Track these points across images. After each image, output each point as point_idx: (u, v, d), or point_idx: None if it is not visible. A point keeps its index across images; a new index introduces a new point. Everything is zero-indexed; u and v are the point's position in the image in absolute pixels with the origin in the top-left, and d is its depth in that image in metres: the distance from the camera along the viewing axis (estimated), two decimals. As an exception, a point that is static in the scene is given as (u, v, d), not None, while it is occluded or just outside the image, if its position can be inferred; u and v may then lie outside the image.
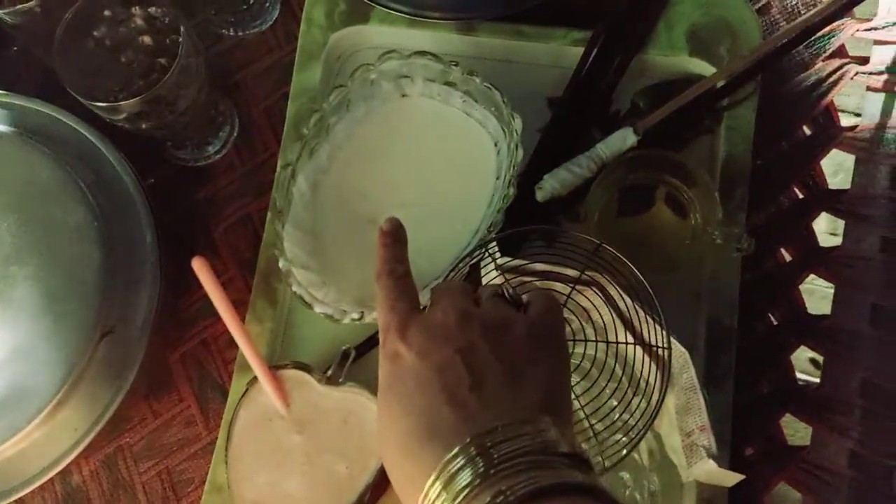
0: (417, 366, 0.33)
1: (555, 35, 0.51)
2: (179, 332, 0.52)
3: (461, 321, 0.34)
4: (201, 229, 0.53)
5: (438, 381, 0.32)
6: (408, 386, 0.33)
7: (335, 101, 0.48)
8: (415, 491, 0.30)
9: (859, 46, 0.53)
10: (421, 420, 0.32)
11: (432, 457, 0.30)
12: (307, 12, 0.53)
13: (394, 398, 0.33)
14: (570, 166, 0.48)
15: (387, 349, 0.34)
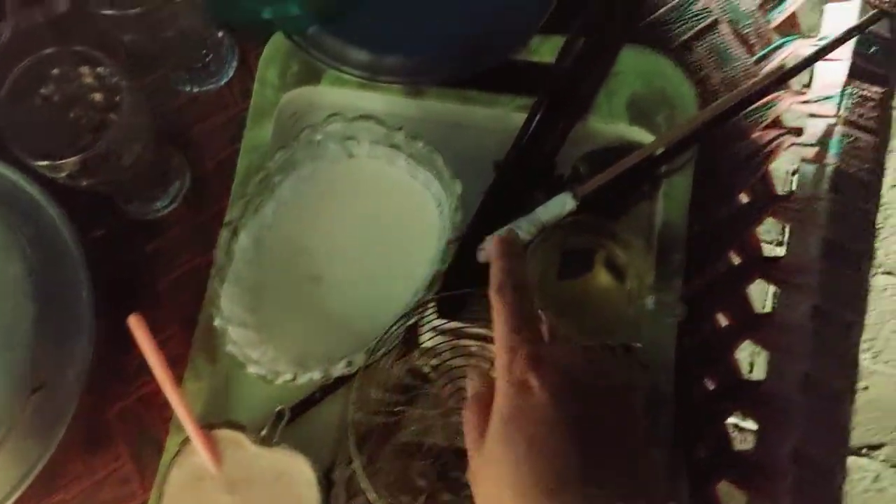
0: (551, 409, 0.30)
1: (500, 101, 0.53)
2: (119, 388, 0.52)
3: (604, 382, 0.32)
4: (147, 283, 0.54)
5: (573, 434, 0.30)
6: (536, 425, 0.30)
7: (280, 161, 0.49)
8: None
9: (796, 118, 0.56)
10: (549, 467, 0.30)
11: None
12: (261, 72, 0.55)
13: (517, 433, 0.31)
14: (510, 229, 0.50)
15: (513, 376, 0.32)
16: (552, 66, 0.54)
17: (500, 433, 0.31)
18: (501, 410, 0.32)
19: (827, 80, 0.54)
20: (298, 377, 0.45)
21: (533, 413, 0.31)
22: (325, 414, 0.49)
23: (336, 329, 0.49)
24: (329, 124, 0.49)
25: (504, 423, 0.31)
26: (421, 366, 0.46)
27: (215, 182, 0.55)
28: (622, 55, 0.53)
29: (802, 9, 0.57)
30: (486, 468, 0.32)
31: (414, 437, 0.46)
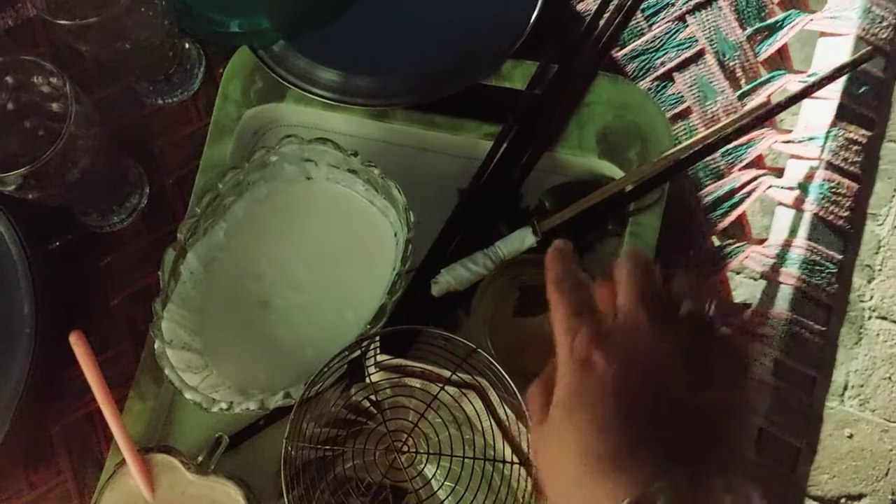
0: (618, 382, 0.32)
1: (466, 127, 0.53)
2: (64, 403, 0.52)
3: (671, 353, 0.32)
4: (99, 298, 0.54)
5: (641, 407, 0.31)
6: (601, 398, 0.32)
7: (231, 183, 0.49)
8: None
9: (777, 158, 0.54)
10: (616, 441, 0.31)
11: (622, 486, 0.30)
12: (223, 87, 0.55)
13: (581, 407, 0.32)
14: (468, 263, 0.49)
15: (576, 354, 0.33)
16: (523, 92, 0.53)
17: (565, 407, 0.33)
18: (566, 387, 0.33)
19: (812, 119, 0.53)
20: (234, 407, 0.44)
21: (597, 387, 0.32)
22: (268, 442, 0.49)
23: (281, 357, 0.49)
24: (284, 145, 0.49)
25: (569, 398, 0.33)
26: (360, 401, 0.46)
27: (174, 198, 0.55)
28: (596, 84, 0.52)
29: (794, 42, 0.55)
30: (550, 442, 0.33)
31: (353, 472, 0.46)
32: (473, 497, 0.43)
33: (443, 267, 0.50)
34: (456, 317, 0.51)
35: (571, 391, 0.33)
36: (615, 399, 0.32)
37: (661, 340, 0.33)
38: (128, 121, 0.57)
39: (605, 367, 0.32)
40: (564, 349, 0.34)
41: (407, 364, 0.46)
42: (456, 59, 0.53)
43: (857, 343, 1.00)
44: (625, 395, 0.32)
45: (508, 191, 0.52)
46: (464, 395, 0.45)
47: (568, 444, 0.32)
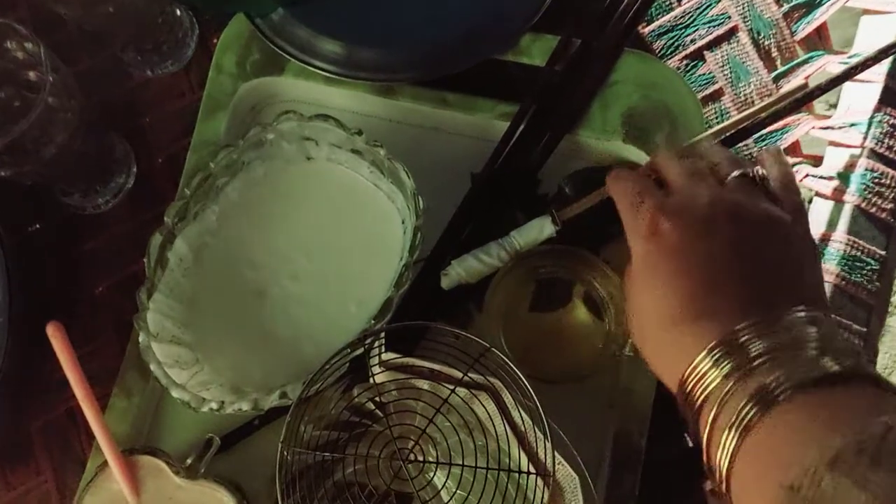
0: (685, 247, 0.34)
1: (481, 106, 0.48)
2: (44, 399, 0.49)
3: (728, 215, 0.34)
4: (82, 286, 0.50)
5: (708, 268, 0.33)
6: (672, 265, 0.34)
7: (224, 161, 0.45)
8: (675, 367, 0.33)
9: (815, 145, 0.50)
10: (688, 302, 0.33)
11: (704, 333, 0.32)
12: (217, 59, 0.50)
13: (655, 276, 0.35)
14: (480, 254, 0.45)
15: (642, 225, 0.36)
16: (542, 69, 0.48)
17: (639, 279, 0.35)
18: (639, 259, 0.36)
19: (854, 104, 0.49)
20: (226, 407, 0.41)
21: (668, 253, 0.34)
22: (263, 443, 0.46)
23: (278, 353, 0.45)
24: (282, 122, 0.45)
25: (640, 270, 0.36)
26: (364, 403, 0.42)
27: (163, 178, 0.51)
28: (622, 62, 0.48)
29: (834, 20, 0.51)
30: (636, 311, 0.36)
31: (354, 478, 0.42)
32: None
33: (453, 258, 0.46)
34: (467, 312, 0.47)
35: (644, 262, 0.35)
36: (686, 259, 0.34)
37: (718, 199, 0.35)
38: (114, 93, 0.53)
39: (671, 232, 0.35)
40: (631, 226, 0.37)
41: (414, 363, 0.42)
42: (470, 32, 0.49)
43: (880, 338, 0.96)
44: (694, 255, 0.34)
45: (525, 176, 0.48)
46: (475, 397, 0.42)
47: (648, 307, 0.35)
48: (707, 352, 0.31)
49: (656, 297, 0.34)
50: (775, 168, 0.38)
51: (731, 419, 0.29)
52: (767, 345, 0.30)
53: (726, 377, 0.30)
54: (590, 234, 0.47)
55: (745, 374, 0.30)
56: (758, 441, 0.29)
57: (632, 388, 0.44)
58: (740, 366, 0.30)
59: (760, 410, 0.29)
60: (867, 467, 0.24)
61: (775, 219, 0.35)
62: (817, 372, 0.29)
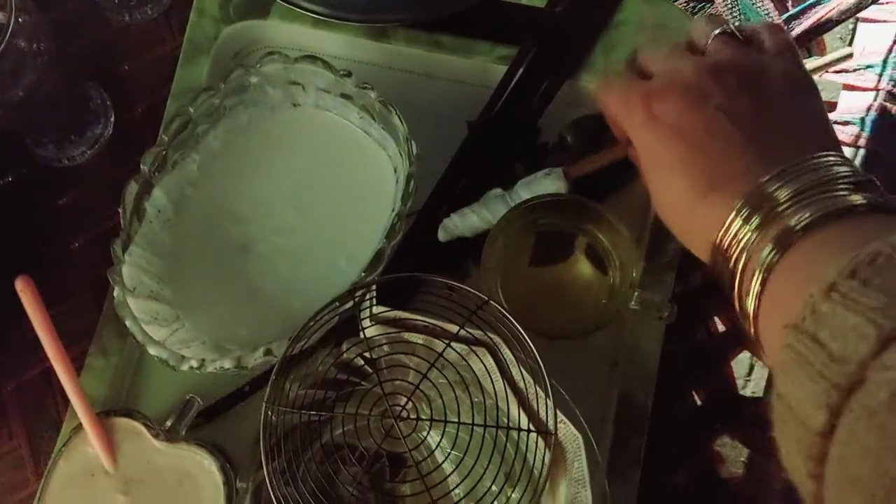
0: (683, 122, 0.32)
1: (477, 49, 0.44)
2: (19, 359, 0.44)
3: (714, 75, 0.32)
4: (57, 241, 0.45)
5: (713, 134, 0.31)
6: (676, 145, 0.32)
7: (204, 106, 0.40)
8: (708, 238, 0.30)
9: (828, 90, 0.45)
10: (705, 175, 0.31)
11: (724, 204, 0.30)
12: (199, 0, 0.45)
13: (663, 161, 0.33)
14: (482, 210, 0.40)
15: (638, 118, 0.33)
16: (542, 10, 0.44)
17: (651, 173, 0.33)
18: (644, 155, 0.33)
19: (869, 44, 0.44)
20: (206, 365, 0.36)
21: (669, 138, 0.32)
22: (255, 410, 0.41)
23: (264, 310, 0.41)
24: (266, 65, 0.40)
25: (650, 164, 0.33)
26: (353, 359, 0.38)
27: (143, 128, 0.46)
28: (626, 2, 0.43)
29: (847, -40, 0.46)
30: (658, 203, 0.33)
31: (344, 439, 0.38)
32: (484, 469, 0.35)
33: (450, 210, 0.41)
34: (465, 268, 0.43)
35: (649, 152, 0.33)
36: (687, 134, 0.32)
37: (700, 64, 0.33)
38: (90, 40, 0.47)
39: (664, 113, 0.32)
40: (627, 124, 0.34)
41: (407, 317, 0.37)
42: (466, -30, 0.44)
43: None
44: (694, 127, 0.32)
45: (524, 124, 0.43)
46: (473, 352, 0.37)
47: (666, 197, 0.33)
48: (735, 212, 0.29)
49: (672, 182, 0.32)
50: (766, 34, 0.34)
51: (756, 264, 0.28)
52: (794, 188, 0.28)
53: (756, 228, 0.29)
54: (593, 182, 0.42)
55: (773, 220, 0.28)
56: (776, 281, 0.28)
57: (637, 346, 0.40)
58: (769, 214, 0.28)
59: (781, 250, 0.27)
60: (857, 290, 0.21)
61: (766, 64, 0.32)
62: (840, 205, 0.27)
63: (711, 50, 0.34)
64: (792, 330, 0.23)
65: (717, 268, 0.31)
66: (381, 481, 0.39)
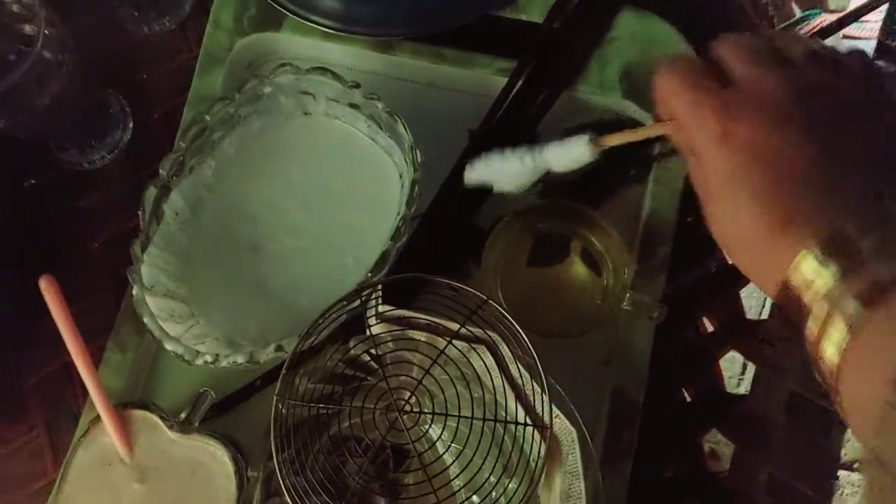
0: (763, 146, 0.28)
1: (478, 61, 0.45)
2: (40, 354, 0.45)
3: (810, 100, 0.28)
4: (79, 241, 0.46)
5: (794, 163, 0.28)
6: (757, 176, 0.28)
7: (220, 115, 0.41)
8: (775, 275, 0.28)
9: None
10: (780, 205, 0.28)
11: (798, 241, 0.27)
12: (214, 13, 0.46)
13: (736, 189, 0.29)
14: (506, 150, 0.38)
15: (711, 132, 0.29)
16: (540, 25, 0.45)
17: (719, 192, 0.30)
18: (713, 169, 0.30)
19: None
20: (220, 360, 0.37)
21: (743, 157, 0.29)
22: (266, 404, 0.41)
23: (274, 307, 0.42)
24: (279, 75, 0.41)
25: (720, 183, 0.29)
26: (360, 355, 0.39)
27: (161, 134, 0.47)
28: (620, 18, 0.44)
29: (831, -20, 0.48)
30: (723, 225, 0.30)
31: (350, 432, 0.39)
32: (483, 461, 0.36)
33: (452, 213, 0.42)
34: (466, 269, 0.44)
35: (719, 172, 0.29)
36: (766, 159, 0.28)
37: (792, 79, 0.29)
38: (110, 50, 0.49)
39: (744, 132, 0.29)
40: (695, 132, 0.30)
41: (411, 316, 0.38)
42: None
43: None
44: (774, 151, 0.28)
45: (523, 132, 0.44)
46: (473, 349, 0.38)
47: (736, 220, 0.29)
48: (811, 253, 0.26)
49: (745, 209, 0.29)
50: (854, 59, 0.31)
51: (841, 316, 0.26)
52: (879, 238, 0.26)
53: (836, 276, 0.26)
54: (589, 188, 0.43)
55: (857, 271, 0.26)
56: (869, 339, 0.25)
57: (630, 345, 0.41)
58: (851, 262, 0.26)
59: (872, 304, 0.25)
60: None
61: (870, 104, 0.29)
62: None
63: (804, 64, 0.30)
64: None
65: (788, 307, 0.28)
66: (385, 472, 0.40)
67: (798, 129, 0.28)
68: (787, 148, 0.28)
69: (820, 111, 0.29)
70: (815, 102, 0.29)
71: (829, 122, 0.28)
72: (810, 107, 0.29)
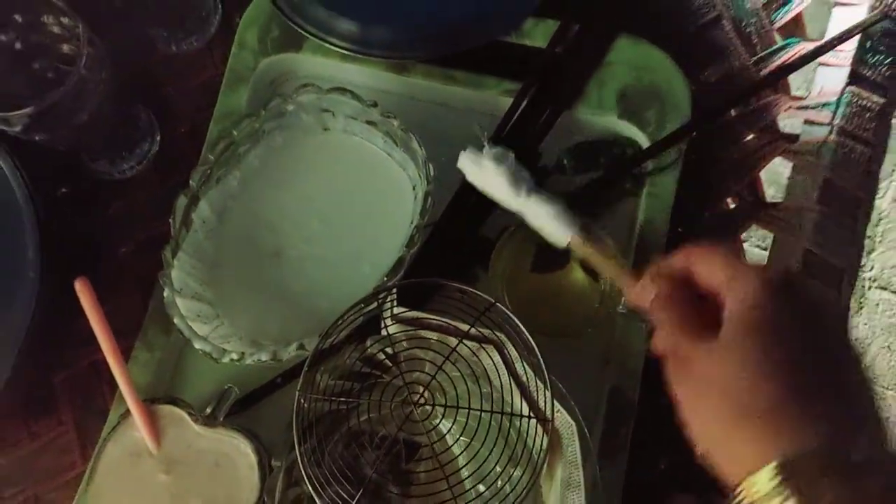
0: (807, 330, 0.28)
1: (486, 83, 0.47)
2: (70, 352, 0.46)
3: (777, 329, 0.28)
4: (107, 246, 0.48)
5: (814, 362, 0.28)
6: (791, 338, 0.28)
7: (247, 129, 0.43)
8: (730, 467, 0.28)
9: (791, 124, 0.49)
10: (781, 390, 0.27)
11: (759, 450, 0.27)
12: (240, 34, 0.49)
13: (767, 335, 0.28)
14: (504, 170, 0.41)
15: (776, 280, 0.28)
16: (544, 50, 0.47)
17: (744, 329, 0.28)
18: (761, 308, 0.28)
19: (827, 86, 0.48)
20: (246, 357, 0.39)
21: (790, 321, 0.28)
22: (286, 400, 0.43)
23: (294, 309, 0.44)
24: (302, 94, 0.43)
25: (753, 320, 0.28)
26: (375, 354, 0.41)
27: (186, 147, 0.49)
28: (617, 45, 0.47)
29: (809, 10, 0.50)
30: (725, 359, 0.29)
31: (367, 426, 0.41)
32: (489, 452, 0.38)
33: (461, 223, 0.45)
34: (474, 274, 0.46)
35: (759, 312, 0.28)
36: (812, 335, 0.28)
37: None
38: (139, 67, 0.50)
39: (804, 296, 0.28)
40: (753, 274, 0.29)
41: (424, 317, 0.40)
42: (477, 14, 0.47)
43: (858, 312, 0.96)
44: (804, 344, 0.28)
45: (528, 149, 0.47)
46: (482, 348, 0.40)
47: (752, 370, 0.28)
48: (767, 471, 0.26)
49: (748, 370, 0.28)
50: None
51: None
52: (832, 488, 0.26)
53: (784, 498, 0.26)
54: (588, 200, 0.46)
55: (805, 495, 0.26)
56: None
57: (626, 345, 0.43)
58: (804, 488, 0.26)
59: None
60: None
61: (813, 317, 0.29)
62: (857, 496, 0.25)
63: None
64: None
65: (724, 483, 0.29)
66: (397, 464, 0.42)
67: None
68: (813, 348, 0.28)
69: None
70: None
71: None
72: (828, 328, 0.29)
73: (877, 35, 0.48)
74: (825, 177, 0.46)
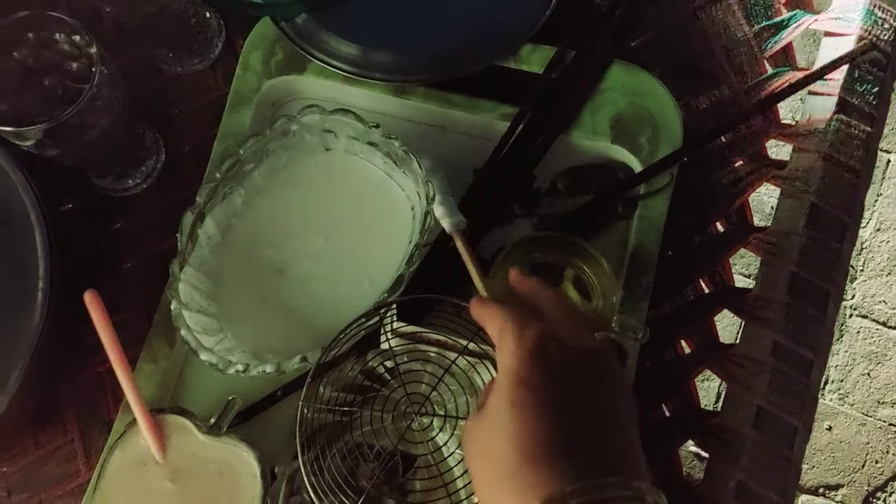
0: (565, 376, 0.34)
1: (483, 107, 0.53)
2: (75, 363, 0.52)
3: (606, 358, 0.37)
4: (112, 261, 0.53)
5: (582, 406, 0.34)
6: (549, 390, 0.34)
7: (252, 149, 0.49)
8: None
9: (780, 151, 0.55)
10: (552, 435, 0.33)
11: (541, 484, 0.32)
12: (244, 57, 0.54)
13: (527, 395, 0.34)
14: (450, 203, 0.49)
15: (528, 342, 0.35)
16: (540, 76, 0.53)
17: (507, 396, 0.34)
18: (511, 375, 0.35)
19: (815, 114, 0.54)
20: (250, 369, 0.44)
21: (545, 377, 0.34)
22: (284, 413, 0.49)
23: (296, 324, 0.49)
24: (306, 115, 0.49)
25: (512, 387, 0.34)
26: (376, 367, 0.46)
27: (190, 165, 0.55)
28: (611, 71, 0.53)
29: (799, 40, 0.57)
30: (484, 431, 0.35)
31: (365, 438, 0.46)
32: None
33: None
34: (471, 292, 0.51)
35: (515, 380, 0.34)
36: (561, 391, 0.34)
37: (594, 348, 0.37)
38: (145, 87, 0.56)
39: (557, 357, 0.35)
40: (511, 339, 0.36)
41: (423, 332, 0.46)
42: (476, 40, 0.54)
43: (839, 339, 1.04)
44: (569, 391, 0.34)
45: (523, 171, 0.53)
46: (482, 362, 0.46)
47: (505, 434, 0.34)
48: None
49: (518, 427, 0.34)
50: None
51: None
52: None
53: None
54: (581, 223, 0.52)
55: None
56: None
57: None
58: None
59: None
60: None
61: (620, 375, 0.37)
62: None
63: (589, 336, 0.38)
64: None
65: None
66: (394, 476, 0.47)
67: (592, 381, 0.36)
68: (578, 394, 0.35)
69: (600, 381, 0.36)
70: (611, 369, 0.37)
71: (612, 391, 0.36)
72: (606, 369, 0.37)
73: (865, 65, 0.54)
74: (812, 202, 0.52)
